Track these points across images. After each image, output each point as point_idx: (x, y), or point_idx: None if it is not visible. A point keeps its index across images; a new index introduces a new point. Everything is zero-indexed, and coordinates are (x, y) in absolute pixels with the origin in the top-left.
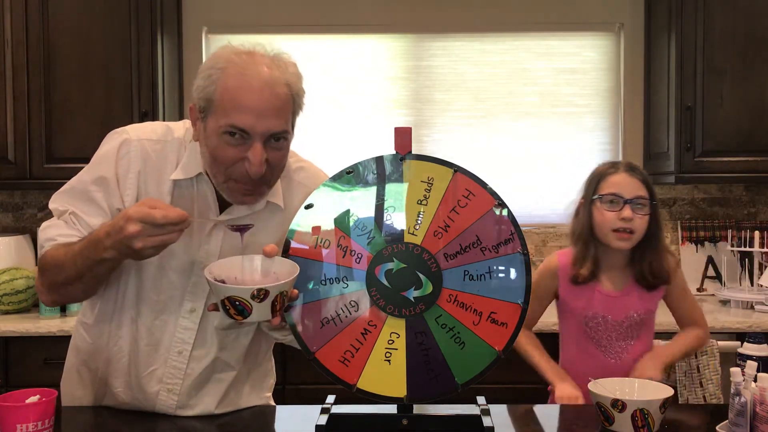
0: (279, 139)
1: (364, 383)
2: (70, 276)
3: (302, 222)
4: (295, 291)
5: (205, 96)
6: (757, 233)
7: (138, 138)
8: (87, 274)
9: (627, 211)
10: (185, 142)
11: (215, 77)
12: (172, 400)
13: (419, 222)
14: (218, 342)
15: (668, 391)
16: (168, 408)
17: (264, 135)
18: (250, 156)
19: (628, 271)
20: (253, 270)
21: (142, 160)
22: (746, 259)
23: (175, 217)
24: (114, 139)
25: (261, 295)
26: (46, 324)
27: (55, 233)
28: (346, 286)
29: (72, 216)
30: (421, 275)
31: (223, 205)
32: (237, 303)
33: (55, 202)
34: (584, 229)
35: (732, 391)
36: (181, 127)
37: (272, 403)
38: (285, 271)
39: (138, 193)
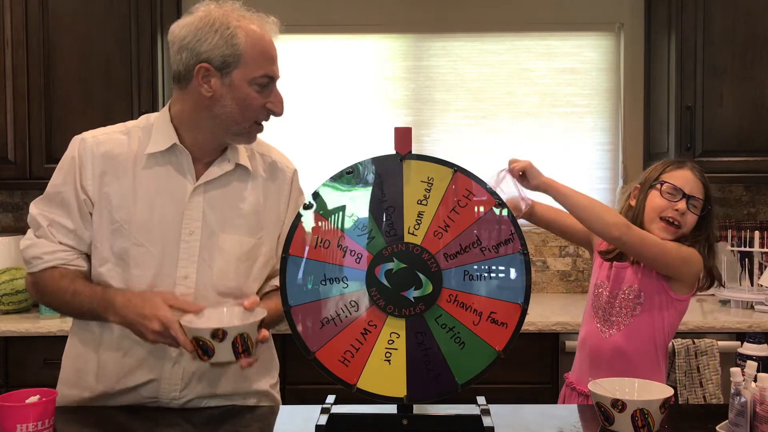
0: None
1: (364, 383)
2: (71, 311)
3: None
4: (265, 332)
5: (231, 52)
6: (757, 233)
7: (93, 135)
8: (87, 316)
9: (682, 204)
10: (149, 125)
11: (234, 33)
12: (177, 376)
13: (419, 222)
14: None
15: (668, 391)
16: (173, 387)
17: (278, 79)
18: (275, 99)
19: None
20: (232, 319)
21: (99, 153)
22: (746, 259)
23: (183, 343)
24: (72, 142)
25: (220, 335)
26: (46, 324)
27: (39, 252)
28: (346, 286)
29: (50, 228)
30: (421, 275)
31: (197, 172)
32: (201, 343)
33: (33, 209)
34: (634, 213)
35: (732, 391)
36: (138, 119)
37: (277, 393)
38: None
39: (99, 186)
